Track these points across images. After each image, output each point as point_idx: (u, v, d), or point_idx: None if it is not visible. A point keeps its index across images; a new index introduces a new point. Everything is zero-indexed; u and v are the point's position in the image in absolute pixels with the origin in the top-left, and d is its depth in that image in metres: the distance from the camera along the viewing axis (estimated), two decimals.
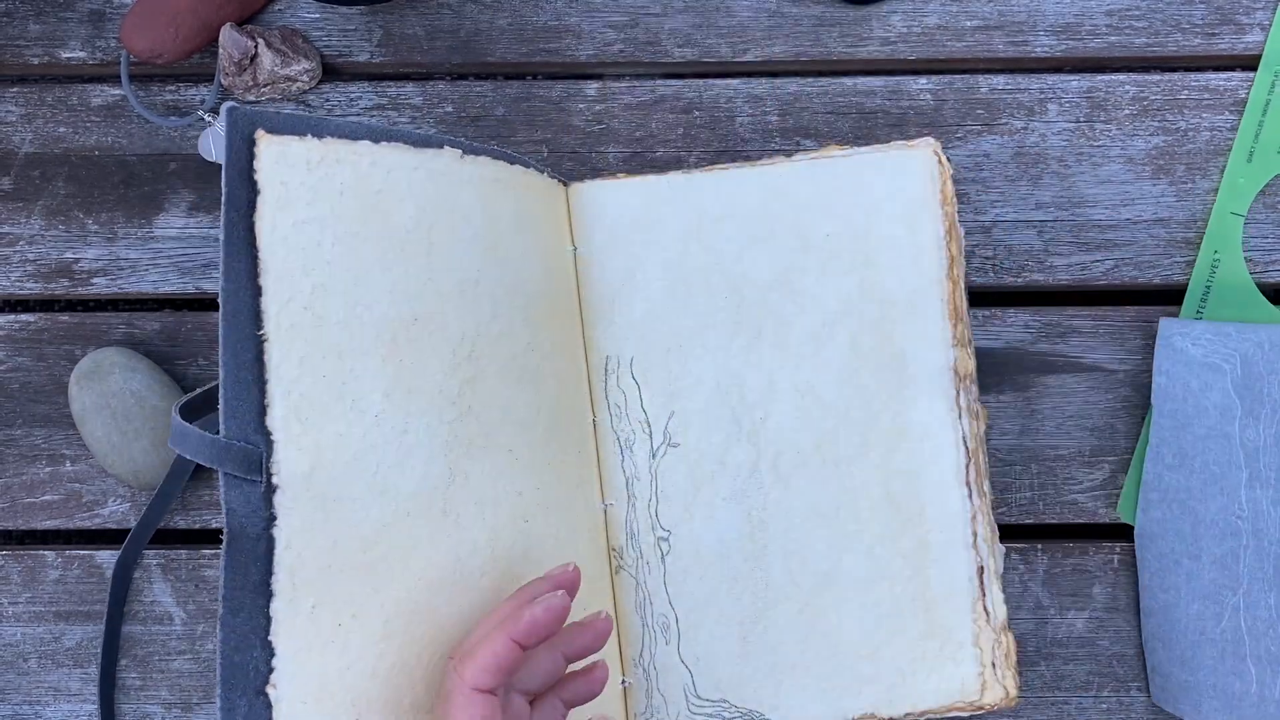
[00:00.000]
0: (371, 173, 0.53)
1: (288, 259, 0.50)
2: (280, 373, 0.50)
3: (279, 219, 0.50)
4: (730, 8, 0.67)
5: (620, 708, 0.62)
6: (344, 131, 0.52)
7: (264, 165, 0.50)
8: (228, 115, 0.50)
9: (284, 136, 0.51)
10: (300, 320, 0.51)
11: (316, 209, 0.51)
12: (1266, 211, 0.66)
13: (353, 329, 0.52)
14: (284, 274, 0.50)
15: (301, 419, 0.51)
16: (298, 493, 0.51)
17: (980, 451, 0.63)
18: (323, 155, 0.52)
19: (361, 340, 0.52)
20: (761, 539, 0.62)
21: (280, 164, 0.51)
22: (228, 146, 0.50)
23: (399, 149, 0.54)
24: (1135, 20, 0.67)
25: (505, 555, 0.57)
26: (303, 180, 0.51)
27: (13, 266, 0.67)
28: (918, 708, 0.62)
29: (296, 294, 0.51)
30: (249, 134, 0.50)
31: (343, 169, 0.52)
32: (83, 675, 0.67)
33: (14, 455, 0.67)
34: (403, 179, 0.53)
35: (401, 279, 0.53)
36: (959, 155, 0.67)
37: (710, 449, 0.63)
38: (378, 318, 0.53)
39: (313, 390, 0.51)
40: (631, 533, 0.62)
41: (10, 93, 0.67)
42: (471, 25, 0.67)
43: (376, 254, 0.53)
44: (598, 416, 0.63)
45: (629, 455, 0.63)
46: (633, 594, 0.62)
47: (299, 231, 0.51)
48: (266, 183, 0.50)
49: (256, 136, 0.50)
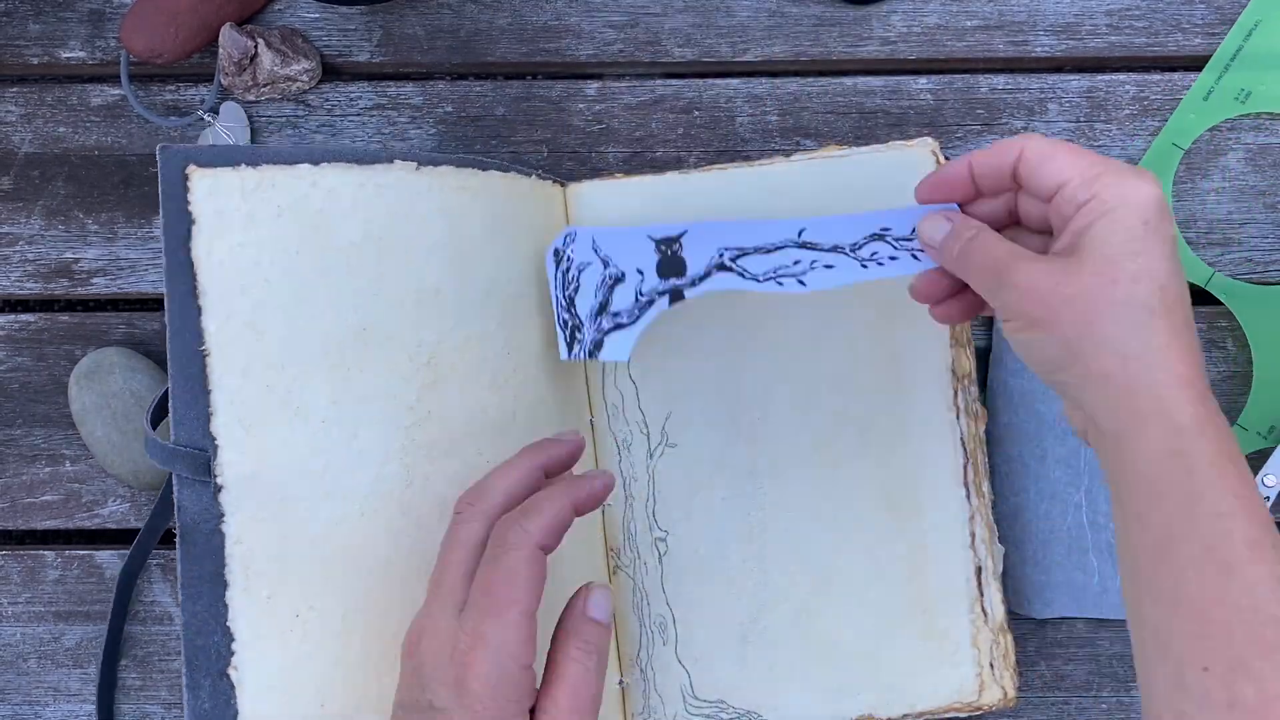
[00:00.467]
0: (311, 193, 0.54)
1: (225, 280, 0.53)
2: (222, 384, 0.53)
3: (215, 245, 0.53)
4: (730, 8, 0.67)
5: (618, 708, 0.62)
6: (281, 157, 0.54)
7: (197, 197, 0.53)
8: (159, 155, 0.53)
9: (216, 169, 0.53)
10: (241, 335, 0.53)
11: (253, 232, 0.54)
12: (1266, 212, 0.66)
13: (295, 342, 0.54)
14: (222, 294, 0.53)
15: (245, 425, 0.54)
16: (242, 493, 0.53)
17: (979, 452, 0.63)
18: (258, 181, 0.54)
19: (305, 352, 0.54)
20: (759, 539, 0.62)
21: (214, 194, 0.53)
22: (162, 182, 0.53)
23: (341, 168, 0.55)
24: (1135, 20, 0.67)
25: None
26: (238, 206, 0.53)
27: (13, 266, 0.67)
28: (916, 708, 0.62)
29: (235, 312, 0.53)
30: (181, 170, 0.53)
31: (279, 193, 0.54)
32: (82, 675, 0.67)
33: (14, 455, 0.67)
34: (346, 196, 0.55)
35: (347, 292, 0.55)
36: (959, 155, 0.67)
37: (708, 449, 0.63)
38: (322, 330, 0.54)
39: (255, 399, 0.54)
40: (629, 533, 0.62)
41: (10, 93, 0.68)
42: (471, 25, 0.67)
43: (318, 270, 0.54)
44: (595, 417, 0.63)
45: (626, 455, 0.63)
46: (630, 594, 0.62)
47: (236, 254, 0.53)
48: (200, 213, 0.53)
49: (188, 171, 0.53)
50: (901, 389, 0.62)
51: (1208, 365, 0.66)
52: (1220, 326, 0.66)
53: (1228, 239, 0.66)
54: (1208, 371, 0.66)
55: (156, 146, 0.53)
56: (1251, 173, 0.66)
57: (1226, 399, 0.66)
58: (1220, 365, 0.66)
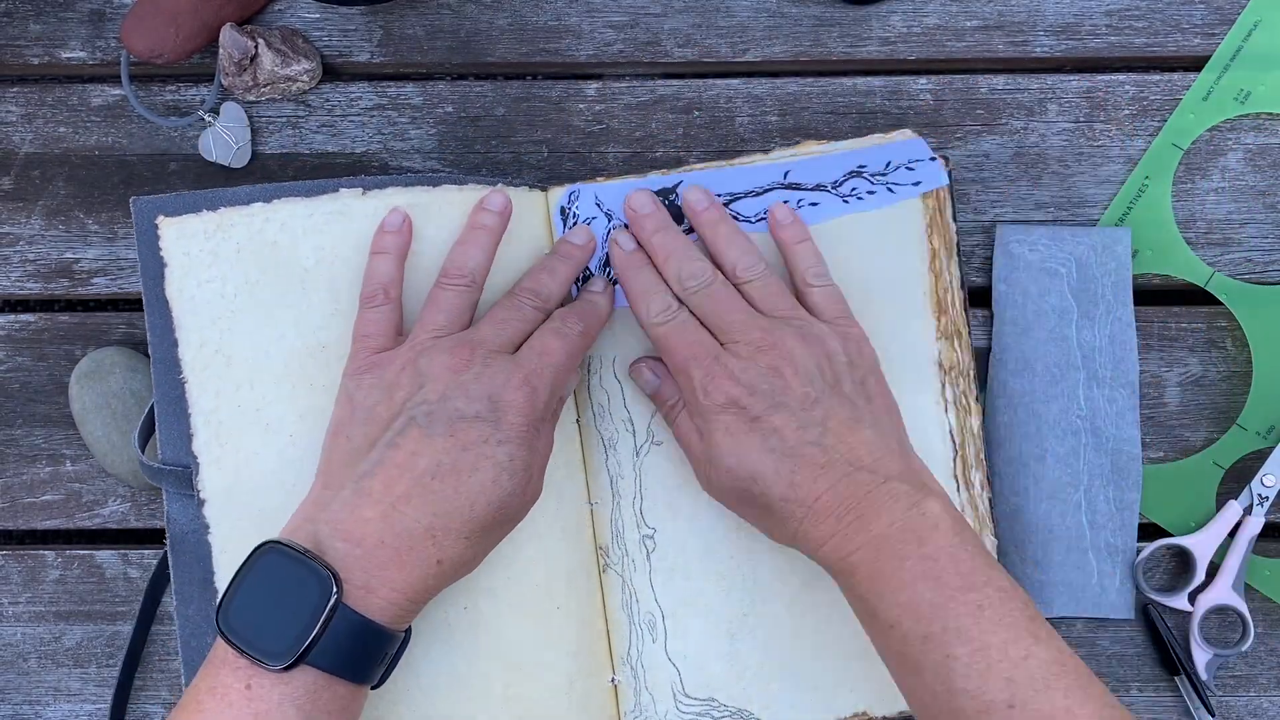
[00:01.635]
0: (265, 227, 0.60)
1: (196, 313, 0.59)
2: (199, 405, 0.59)
3: (185, 283, 0.59)
4: (730, 8, 0.67)
5: (610, 706, 0.62)
6: (236, 199, 0.60)
7: (167, 243, 0.59)
8: (133, 207, 0.59)
9: (181, 216, 0.59)
10: (212, 361, 0.59)
11: (218, 268, 0.59)
12: (1266, 212, 0.66)
13: (261, 362, 0.59)
14: (194, 326, 0.59)
15: (221, 442, 0.59)
16: (223, 504, 0.59)
17: (969, 445, 0.62)
18: (218, 223, 0.59)
19: (271, 370, 0.59)
20: (747, 536, 0.62)
21: (181, 239, 0.59)
22: (136, 231, 0.59)
23: (291, 202, 0.60)
24: (1135, 20, 0.67)
25: None
26: (202, 247, 0.59)
27: (13, 266, 0.67)
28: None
29: (207, 340, 0.59)
30: (152, 219, 0.59)
31: (237, 231, 0.59)
32: (82, 675, 0.67)
33: (14, 455, 0.67)
34: (298, 226, 0.60)
35: (305, 313, 0.60)
36: (959, 155, 0.67)
37: None
38: (285, 349, 0.59)
39: (229, 418, 0.59)
40: (617, 531, 0.62)
41: (10, 93, 0.68)
42: (471, 25, 0.67)
43: (277, 295, 0.60)
44: (581, 417, 0.63)
45: (613, 454, 0.63)
46: (619, 592, 0.62)
47: (203, 289, 0.59)
48: (171, 256, 0.59)
49: (158, 221, 0.59)
50: (889, 382, 0.62)
51: (1209, 366, 0.66)
52: (1220, 326, 0.66)
53: (1228, 239, 0.66)
54: (1209, 371, 0.66)
55: (131, 200, 0.59)
56: (1251, 173, 0.66)
57: (1226, 399, 0.66)
58: (1220, 365, 0.66)
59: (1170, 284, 0.66)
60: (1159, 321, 0.66)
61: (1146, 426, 0.66)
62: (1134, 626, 0.66)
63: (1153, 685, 0.66)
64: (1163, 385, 0.66)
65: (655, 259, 0.60)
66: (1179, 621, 0.65)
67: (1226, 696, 0.66)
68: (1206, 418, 0.66)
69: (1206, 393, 0.66)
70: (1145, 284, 0.66)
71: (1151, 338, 0.66)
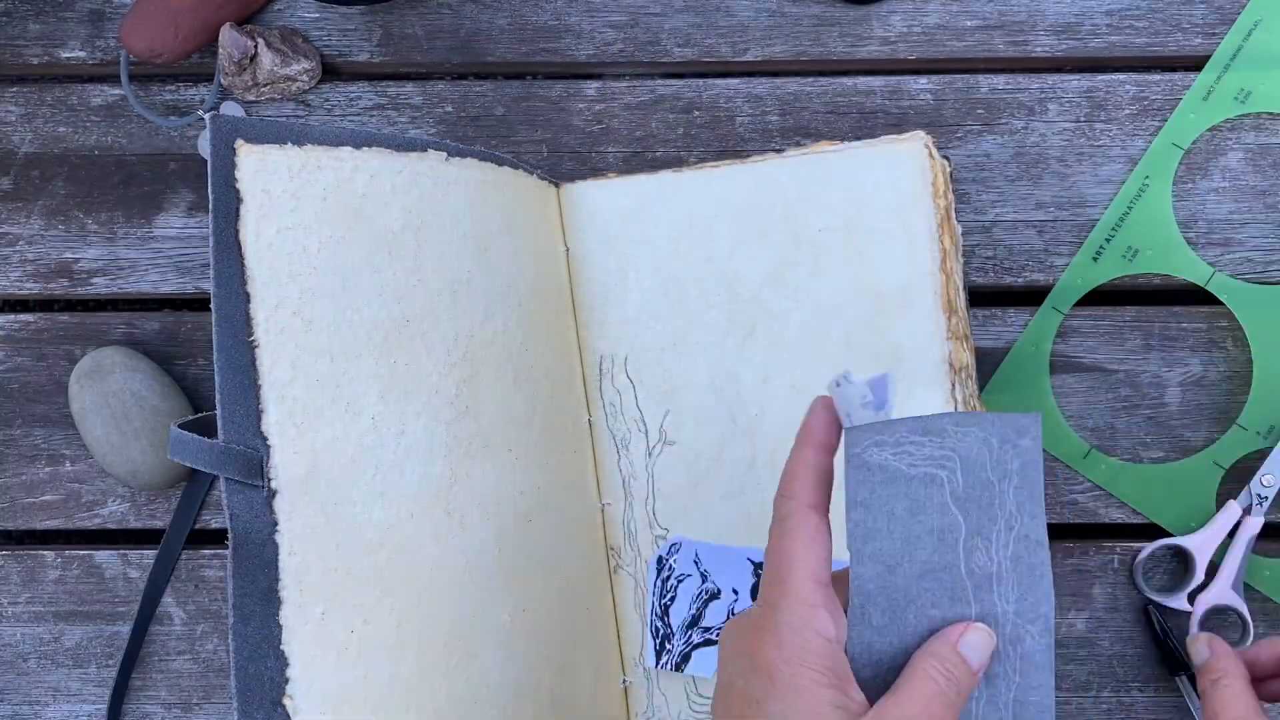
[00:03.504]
0: (354, 177, 0.53)
1: (274, 265, 0.51)
2: (272, 377, 0.51)
3: (263, 227, 0.51)
4: (730, 8, 0.67)
5: (621, 708, 0.62)
6: (325, 138, 0.53)
7: (245, 174, 0.51)
8: (210, 124, 0.50)
9: (263, 145, 0.51)
10: (290, 325, 0.51)
11: (300, 215, 0.52)
12: (1266, 212, 0.66)
13: (343, 332, 0.52)
14: (271, 280, 0.51)
15: (296, 423, 0.51)
16: (297, 496, 0.51)
17: None
18: (304, 162, 0.52)
19: (353, 343, 0.52)
20: (759, 537, 0.62)
21: (261, 172, 0.51)
22: (211, 155, 0.50)
23: (381, 153, 0.54)
24: (1135, 20, 0.67)
25: (511, 555, 0.57)
26: (285, 187, 0.52)
27: (12, 266, 0.67)
28: None
29: (285, 299, 0.51)
30: (230, 143, 0.51)
31: (325, 175, 0.52)
32: (82, 675, 0.67)
33: (14, 455, 0.67)
34: (387, 182, 0.54)
35: (390, 281, 0.54)
36: (959, 155, 0.67)
37: (706, 447, 0.63)
38: (368, 320, 0.53)
39: (306, 394, 0.51)
40: (629, 532, 0.62)
41: (10, 93, 0.68)
42: (471, 25, 0.67)
43: (364, 257, 0.53)
44: (593, 416, 0.63)
45: (625, 454, 0.63)
46: (631, 593, 0.62)
47: (284, 238, 0.51)
48: (248, 191, 0.51)
49: (236, 146, 0.51)
50: (898, 384, 0.62)
51: (1209, 366, 0.66)
52: (1220, 326, 0.66)
53: (1228, 239, 0.66)
54: (1209, 371, 0.66)
55: (208, 115, 0.51)
56: (1251, 173, 0.66)
57: (1226, 399, 0.66)
58: (1220, 365, 0.66)
59: (1170, 284, 0.66)
60: (1159, 321, 0.66)
61: (1148, 426, 0.66)
62: (1134, 627, 0.66)
63: (1153, 685, 0.66)
64: (1163, 385, 0.66)
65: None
66: (1179, 622, 0.65)
67: None
68: (1206, 418, 0.66)
69: (1207, 393, 0.66)
70: (1145, 284, 0.66)
71: (1152, 338, 0.66)
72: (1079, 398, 0.66)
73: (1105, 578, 0.66)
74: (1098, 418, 0.66)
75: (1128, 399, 0.66)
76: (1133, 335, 0.66)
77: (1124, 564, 0.66)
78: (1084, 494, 0.66)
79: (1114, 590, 0.66)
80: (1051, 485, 0.66)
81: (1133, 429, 0.66)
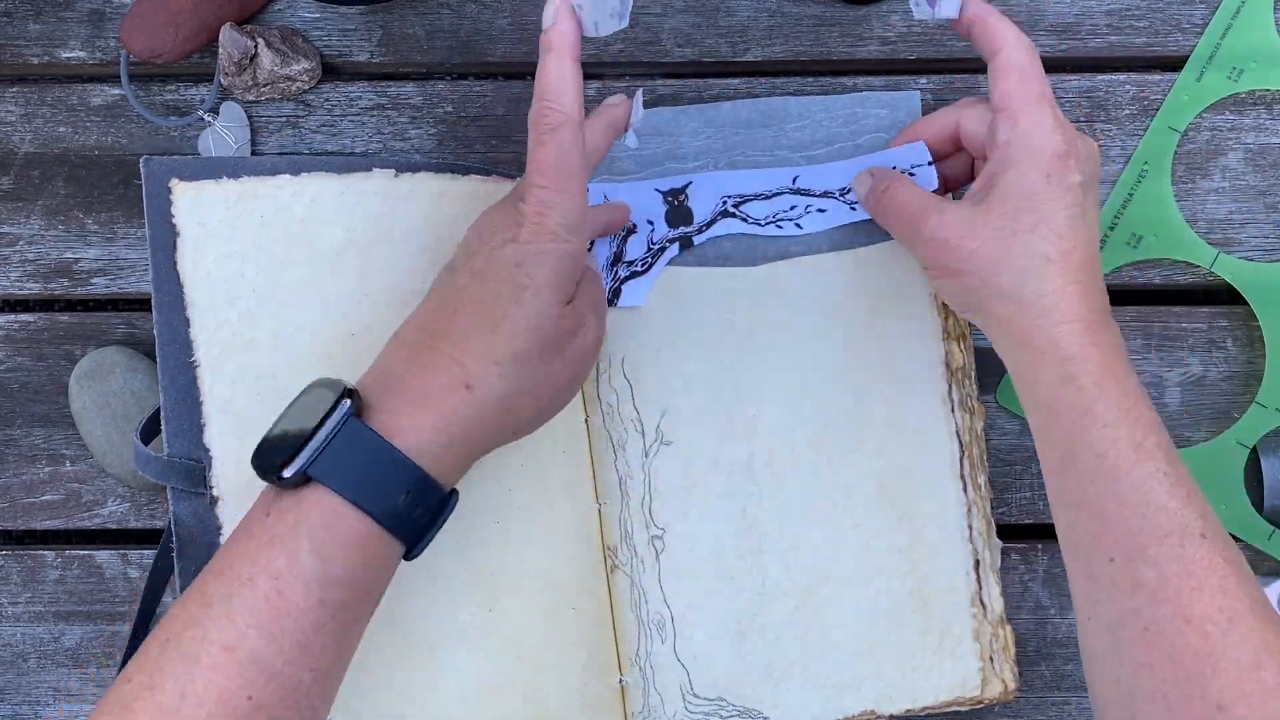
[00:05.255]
0: (293, 203, 0.56)
1: (212, 291, 0.54)
2: (213, 394, 0.54)
3: (200, 256, 0.54)
4: (730, 8, 0.67)
5: (617, 707, 0.62)
6: (261, 169, 0.55)
7: (181, 210, 0.54)
8: (143, 168, 0.54)
9: (199, 182, 0.55)
10: (230, 343, 0.54)
11: (238, 243, 0.55)
12: (1266, 212, 0.66)
13: (285, 348, 0.55)
14: (209, 305, 0.54)
15: (238, 435, 0.54)
16: (239, 503, 0.53)
17: (975, 445, 0.63)
18: (240, 193, 0.55)
19: (296, 357, 0.55)
20: (756, 536, 0.62)
21: (197, 207, 0.54)
22: (145, 195, 0.54)
23: (322, 177, 0.56)
24: (1135, 20, 0.67)
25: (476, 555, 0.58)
26: (221, 219, 0.55)
27: (12, 266, 0.67)
28: (918, 704, 0.62)
29: (224, 322, 0.54)
30: (164, 183, 0.54)
31: (262, 203, 0.55)
32: (82, 675, 0.67)
33: (14, 455, 0.67)
34: (328, 205, 0.56)
35: (334, 298, 0.56)
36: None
37: (703, 447, 0.63)
38: (310, 336, 0.56)
39: (247, 408, 0.54)
40: (626, 532, 0.62)
41: (10, 92, 0.68)
42: (471, 25, 0.67)
43: (304, 277, 0.56)
44: (590, 416, 0.63)
45: (621, 455, 0.63)
46: (628, 593, 0.62)
47: (222, 265, 0.55)
48: (184, 225, 0.54)
49: (171, 185, 0.54)
50: (895, 383, 0.62)
51: (1210, 366, 0.66)
52: (1221, 326, 0.66)
53: (1228, 239, 0.66)
54: (1209, 371, 0.66)
55: (141, 159, 0.54)
56: (1251, 173, 0.66)
57: (1227, 399, 0.66)
58: (1220, 365, 0.66)
59: (1170, 284, 0.66)
60: (1159, 321, 0.66)
61: None
62: None
63: None
64: (1163, 385, 0.66)
65: None
66: None
67: None
68: (1207, 417, 0.66)
69: (1207, 393, 0.66)
70: (1145, 284, 0.66)
71: (1152, 338, 0.66)
72: None
73: None
74: None
75: None
76: (1133, 335, 0.66)
77: None
78: None
79: None
80: None
81: None
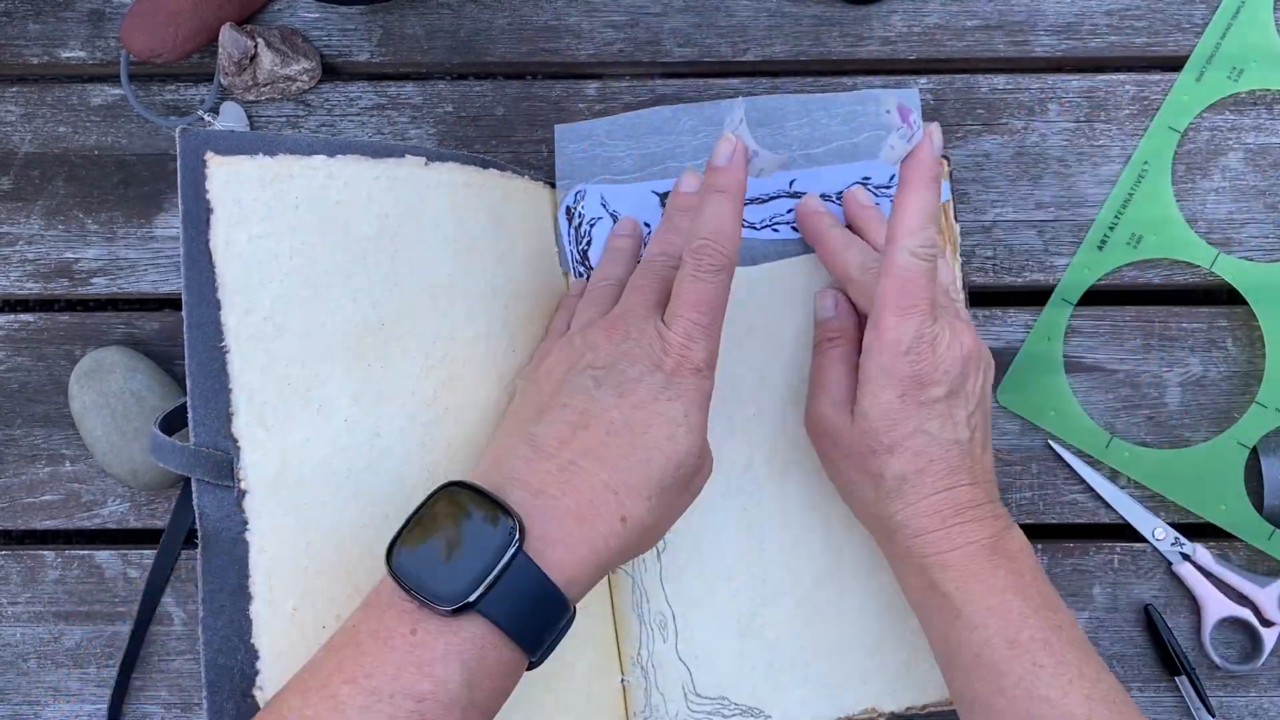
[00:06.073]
0: (329, 185, 0.54)
1: (245, 273, 0.52)
2: (242, 381, 0.52)
3: (233, 235, 0.52)
4: (730, 8, 0.67)
5: (619, 707, 0.62)
6: (298, 147, 0.53)
7: (215, 185, 0.52)
8: (179, 139, 0.51)
9: (235, 156, 0.52)
10: (261, 331, 0.52)
11: (272, 223, 0.52)
12: (1266, 212, 0.66)
13: (315, 337, 0.53)
14: (241, 287, 0.52)
15: (266, 425, 0.52)
16: (266, 497, 0.52)
17: None
18: (276, 172, 0.53)
19: (325, 347, 0.53)
20: (757, 535, 0.62)
21: (232, 183, 0.52)
22: (180, 168, 0.51)
23: (356, 160, 0.54)
24: (1135, 20, 0.67)
25: None
26: (256, 196, 0.52)
27: (12, 266, 0.67)
28: (919, 701, 0.62)
29: (255, 306, 0.52)
30: (200, 155, 0.52)
31: (297, 183, 0.53)
32: (82, 675, 0.67)
33: (14, 455, 0.67)
34: (363, 189, 0.54)
35: (365, 286, 0.54)
36: (959, 155, 0.67)
37: None
38: (342, 324, 0.54)
39: (277, 397, 0.52)
40: None
41: (10, 92, 0.68)
42: (471, 25, 0.67)
43: (337, 263, 0.54)
44: None
45: None
46: (629, 592, 0.62)
47: (255, 246, 0.52)
48: (218, 201, 0.52)
49: (206, 158, 0.52)
50: None
51: (1210, 366, 0.66)
52: (1221, 326, 0.66)
53: (1228, 239, 0.66)
54: (1209, 371, 0.66)
55: (176, 130, 0.52)
56: (1251, 173, 0.66)
57: (1228, 397, 0.66)
58: (1220, 365, 0.66)
59: (1170, 284, 0.66)
60: (1159, 321, 0.66)
61: (1148, 426, 0.66)
62: (1134, 627, 0.66)
63: (1153, 685, 0.66)
64: (1163, 385, 0.66)
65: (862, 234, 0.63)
66: (1178, 622, 0.65)
67: (1227, 697, 0.65)
68: (1207, 417, 0.66)
69: (1207, 393, 0.66)
70: (1145, 284, 0.66)
71: (1152, 338, 0.66)
72: (1079, 397, 0.66)
73: (1105, 578, 0.66)
74: (1098, 417, 0.66)
75: (1128, 399, 0.66)
76: (1133, 335, 0.66)
77: (1124, 564, 0.66)
78: (1084, 494, 0.66)
79: (1114, 590, 0.66)
80: (1052, 485, 0.66)
81: (1133, 429, 0.66)
